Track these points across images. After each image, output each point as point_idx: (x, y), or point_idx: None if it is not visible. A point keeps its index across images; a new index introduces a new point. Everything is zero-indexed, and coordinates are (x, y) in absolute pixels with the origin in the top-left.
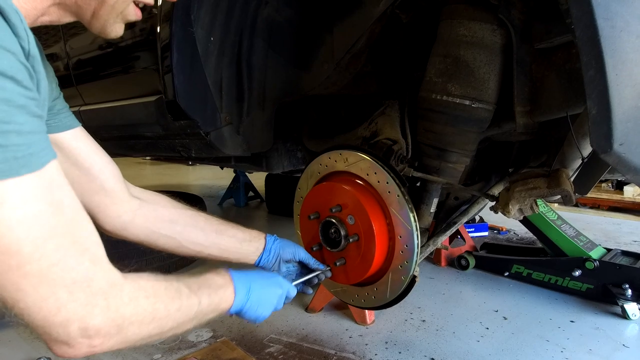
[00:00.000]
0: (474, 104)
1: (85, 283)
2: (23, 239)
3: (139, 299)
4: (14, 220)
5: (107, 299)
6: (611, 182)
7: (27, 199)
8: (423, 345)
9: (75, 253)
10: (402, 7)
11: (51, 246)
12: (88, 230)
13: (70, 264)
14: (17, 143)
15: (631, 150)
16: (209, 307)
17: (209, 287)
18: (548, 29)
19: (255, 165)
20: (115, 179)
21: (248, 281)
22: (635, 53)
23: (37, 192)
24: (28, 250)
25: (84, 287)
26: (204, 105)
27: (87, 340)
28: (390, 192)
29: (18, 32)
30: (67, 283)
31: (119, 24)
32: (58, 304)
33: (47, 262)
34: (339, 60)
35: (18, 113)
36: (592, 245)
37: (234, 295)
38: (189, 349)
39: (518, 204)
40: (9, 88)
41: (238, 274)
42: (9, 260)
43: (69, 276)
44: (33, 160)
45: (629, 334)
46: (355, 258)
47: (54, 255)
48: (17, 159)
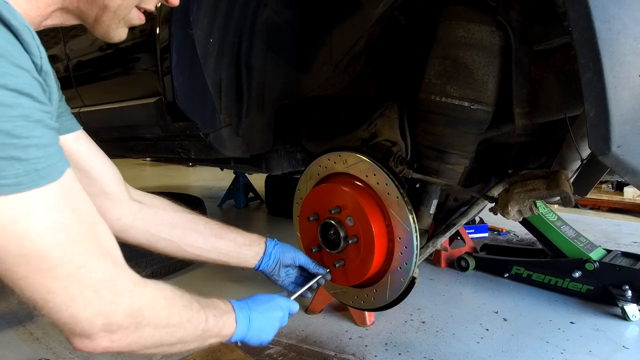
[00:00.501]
0: (473, 106)
1: (111, 282)
2: (52, 244)
3: (158, 300)
4: (41, 227)
5: (132, 297)
6: (611, 183)
7: (50, 207)
8: (423, 346)
9: (99, 255)
10: (401, 9)
11: (77, 250)
12: (106, 233)
13: (95, 265)
14: (37, 156)
15: (629, 152)
16: (214, 329)
17: (215, 309)
18: (547, 31)
19: (254, 166)
20: (116, 182)
21: (247, 310)
22: (632, 55)
23: (59, 200)
24: (57, 254)
25: (109, 286)
26: (203, 107)
27: (109, 334)
28: (389, 193)
29: (30, 49)
30: (94, 282)
31: (122, 29)
32: (85, 302)
33: (75, 265)
34: (338, 62)
35: (36, 127)
36: (592, 246)
37: (235, 325)
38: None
39: (517, 205)
40: (26, 104)
41: (238, 303)
42: (40, 265)
43: (95, 276)
44: (52, 171)
45: (629, 335)
46: (354, 259)
47: (81, 258)
48: (38, 171)
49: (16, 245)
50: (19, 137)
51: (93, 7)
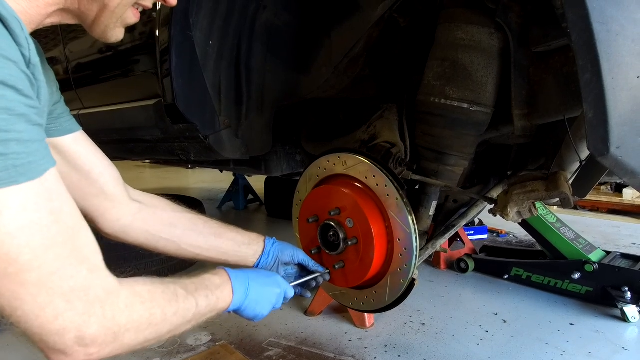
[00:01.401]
0: (472, 107)
1: (83, 292)
2: (23, 246)
3: (135, 306)
4: (13, 228)
5: (104, 307)
6: (610, 185)
7: (26, 207)
8: (422, 348)
9: (74, 262)
10: (400, 11)
11: (50, 255)
12: (86, 238)
13: (68, 272)
14: (17, 151)
15: (628, 153)
16: (207, 308)
17: (206, 288)
18: (545, 33)
19: (254, 168)
20: (115, 183)
21: (246, 279)
22: (631, 57)
23: (36, 200)
24: (27, 258)
25: (81, 296)
26: (202, 109)
27: (84, 349)
28: (388, 195)
29: (19, 41)
30: (65, 292)
31: (119, 29)
32: (55, 313)
33: (46, 271)
34: (338, 64)
35: (18, 122)
36: (591, 248)
37: (232, 294)
38: (188, 352)
39: (516, 207)
40: (10, 97)
41: (236, 272)
42: (8, 268)
43: (67, 285)
44: (32, 169)
45: (629, 337)
46: (354, 261)
47: (53, 264)
48: (17, 167)
49: None
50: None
51: (93, 7)
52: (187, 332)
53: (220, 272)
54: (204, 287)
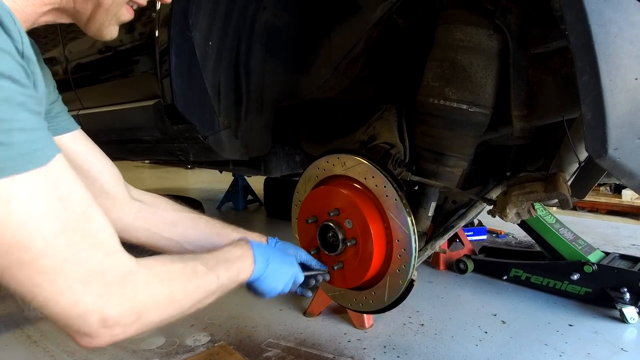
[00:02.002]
0: (471, 108)
1: (100, 275)
2: (35, 234)
3: (154, 284)
4: (23, 216)
5: (123, 287)
6: (609, 186)
7: (35, 194)
8: (421, 349)
9: (88, 246)
10: (400, 12)
11: (63, 241)
12: (99, 221)
13: (83, 257)
14: (21, 140)
15: (626, 155)
16: (228, 281)
17: (227, 261)
18: (544, 34)
19: (253, 169)
20: (116, 182)
21: (267, 253)
22: (629, 59)
23: (45, 187)
24: (40, 246)
25: (98, 279)
26: (202, 109)
27: (108, 330)
28: (387, 195)
29: (12, 35)
30: (82, 276)
31: (113, 26)
32: (75, 297)
33: (60, 257)
34: (337, 64)
35: (19, 111)
36: (590, 248)
37: (253, 264)
38: (187, 353)
39: (515, 208)
40: (7, 87)
41: (258, 245)
42: (22, 256)
43: (83, 269)
44: (38, 156)
45: (628, 338)
46: (353, 262)
47: (67, 250)
48: (23, 156)
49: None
50: (1, 121)
51: (88, 5)
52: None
53: (241, 243)
54: (224, 260)
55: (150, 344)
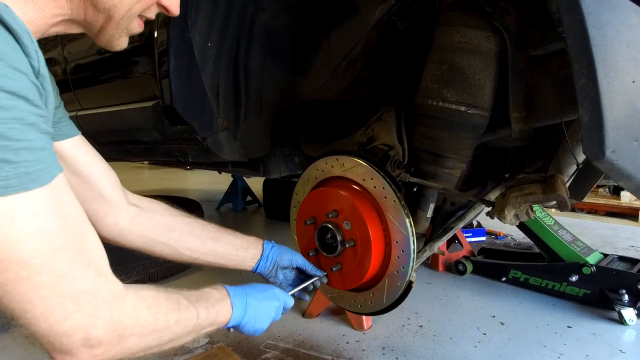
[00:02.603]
0: (469, 110)
1: (91, 294)
2: (34, 251)
3: (141, 309)
4: (25, 233)
5: (111, 309)
6: (608, 188)
7: (37, 212)
8: (420, 350)
9: (82, 265)
10: (398, 14)
11: (60, 259)
12: (93, 242)
13: (77, 275)
14: (27, 159)
15: (623, 157)
16: (207, 321)
17: (207, 301)
18: (542, 36)
19: (252, 170)
20: (114, 187)
21: (245, 295)
22: (626, 61)
23: (47, 205)
24: (38, 262)
25: (89, 298)
26: (201, 111)
27: (89, 350)
28: (386, 197)
29: (29, 53)
30: (74, 294)
31: (124, 38)
32: (64, 314)
33: (56, 274)
34: (336, 66)
35: (29, 131)
36: (589, 250)
37: (231, 310)
38: (185, 354)
39: (514, 210)
40: (21, 107)
41: (234, 289)
42: (20, 272)
43: (76, 288)
44: (42, 175)
45: (626, 340)
46: (351, 263)
47: (63, 268)
48: (28, 174)
49: None
50: (11, 140)
51: (99, 18)
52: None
53: (219, 287)
54: (205, 300)
55: None
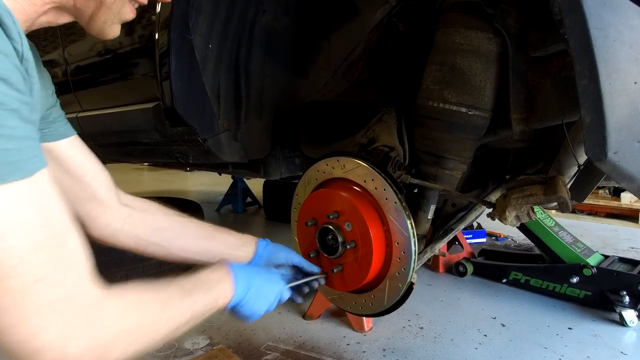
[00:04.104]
0: (470, 112)
1: (69, 302)
2: (10, 249)
3: (123, 315)
4: (7, 231)
5: (90, 319)
6: (608, 189)
7: (15, 207)
8: (421, 352)
9: (62, 268)
10: (399, 15)
11: (36, 260)
12: (75, 243)
13: (54, 280)
14: (7, 148)
15: (625, 158)
16: (205, 307)
17: (204, 285)
18: (543, 38)
19: (252, 171)
20: (107, 188)
21: (248, 276)
22: (628, 62)
23: (25, 200)
24: (12, 263)
25: (67, 307)
26: (201, 112)
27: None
28: (387, 198)
29: (11, 35)
30: (51, 301)
31: (116, 25)
32: (38, 327)
33: (32, 277)
34: (336, 67)
35: (10, 117)
36: (589, 252)
37: (232, 290)
38: (185, 356)
39: (515, 211)
40: (2, 91)
41: (238, 267)
42: None
43: (53, 294)
44: (23, 167)
45: (627, 341)
46: (352, 265)
47: (39, 270)
48: (7, 165)
49: None
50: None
51: (89, 4)
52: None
53: (219, 267)
54: (202, 285)
55: None
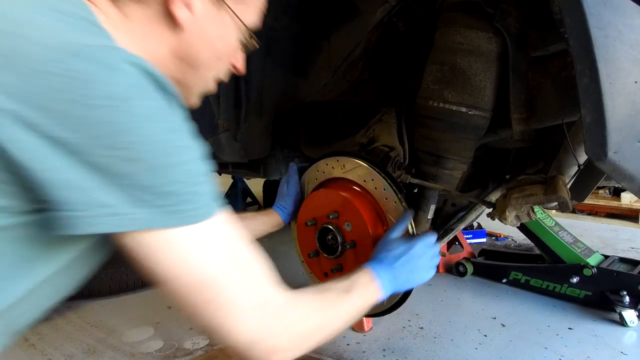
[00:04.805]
0: (470, 111)
1: (266, 305)
2: (220, 272)
3: (308, 314)
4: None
5: (284, 317)
6: (608, 189)
7: (221, 234)
8: (421, 352)
9: (255, 279)
10: (399, 15)
11: (239, 275)
12: (259, 255)
13: (253, 289)
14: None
15: (625, 158)
16: (362, 306)
17: (359, 288)
18: (543, 37)
19: (252, 171)
20: None
21: (390, 270)
22: (628, 62)
23: (225, 226)
24: (224, 282)
25: (265, 310)
26: (201, 112)
27: (272, 354)
28: (387, 198)
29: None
30: (254, 306)
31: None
32: (247, 327)
33: (237, 291)
34: (336, 67)
35: (206, 165)
36: (589, 252)
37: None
38: (185, 356)
39: (515, 211)
40: (199, 147)
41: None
42: (210, 292)
43: (254, 301)
44: (218, 202)
45: (627, 341)
46: (352, 265)
47: (241, 285)
48: (213, 202)
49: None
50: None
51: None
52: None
53: (364, 269)
54: (356, 287)
55: (149, 347)
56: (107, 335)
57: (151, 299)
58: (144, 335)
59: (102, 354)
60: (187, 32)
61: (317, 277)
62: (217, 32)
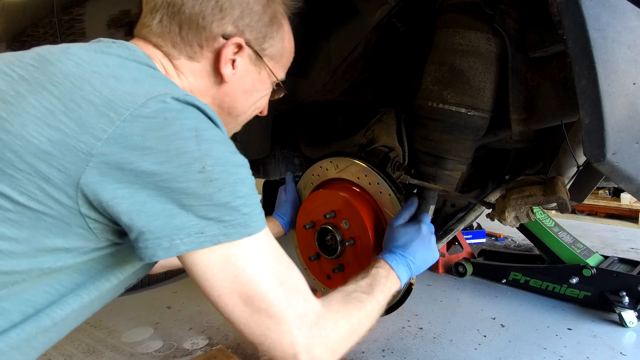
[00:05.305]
0: (470, 112)
1: (305, 318)
2: (269, 286)
3: (339, 322)
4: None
5: (320, 329)
6: (608, 189)
7: (266, 250)
8: (420, 353)
9: (295, 293)
10: (399, 16)
11: (283, 290)
12: (296, 269)
13: (294, 303)
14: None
15: (624, 159)
16: (384, 300)
17: (380, 283)
18: (542, 38)
19: (252, 171)
20: None
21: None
22: (626, 63)
23: (268, 244)
24: (273, 296)
25: (305, 322)
26: None
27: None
28: (381, 192)
29: None
30: (295, 319)
31: None
32: (292, 339)
33: (283, 305)
34: (336, 68)
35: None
36: (589, 252)
37: (399, 280)
38: (185, 356)
39: (514, 212)
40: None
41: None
42: (261, 305)
43: (296, 314)
44: (262, 218)
45: (627, 342)
46: (352, 263)
47: (286, 298)
48: (260, 219)
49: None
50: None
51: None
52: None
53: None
54: (377, 283)
55: (148, 347)
56: (107, 335)
57: (151, 299)
58: (144, 336)
59: (101, 354)
60: (228, 85)
61: (320, 281)
62: (253, 85)
